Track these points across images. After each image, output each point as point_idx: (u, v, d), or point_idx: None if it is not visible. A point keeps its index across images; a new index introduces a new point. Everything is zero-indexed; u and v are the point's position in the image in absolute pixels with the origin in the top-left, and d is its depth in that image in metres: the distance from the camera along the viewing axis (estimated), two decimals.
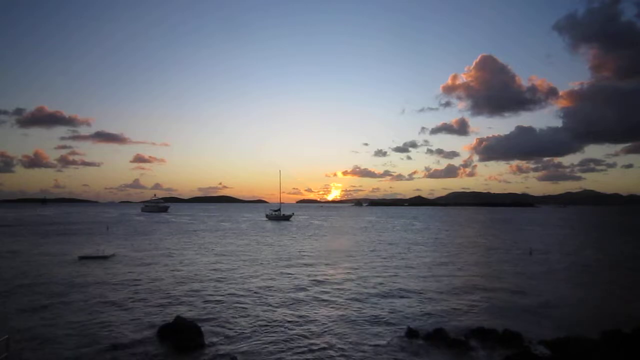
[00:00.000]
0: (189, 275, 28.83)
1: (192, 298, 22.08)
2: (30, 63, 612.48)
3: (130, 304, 20.77)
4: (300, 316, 18.84)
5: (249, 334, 16.26)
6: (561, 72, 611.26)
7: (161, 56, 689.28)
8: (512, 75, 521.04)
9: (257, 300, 21.63)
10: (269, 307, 20.28)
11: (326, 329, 16.96)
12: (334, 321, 18.05)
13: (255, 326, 17.28)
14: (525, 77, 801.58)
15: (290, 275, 29.01)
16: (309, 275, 29.08)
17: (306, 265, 34.05)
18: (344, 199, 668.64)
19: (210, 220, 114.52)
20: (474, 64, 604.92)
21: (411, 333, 16.24)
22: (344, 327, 17.19)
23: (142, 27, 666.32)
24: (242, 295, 22.74)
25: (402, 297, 22.75)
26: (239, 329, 16.86)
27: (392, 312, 19.54)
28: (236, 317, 18.52)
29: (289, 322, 17.92)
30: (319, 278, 28.17)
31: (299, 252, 42.89)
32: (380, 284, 26.29)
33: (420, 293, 23.71)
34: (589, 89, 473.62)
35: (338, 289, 24.82)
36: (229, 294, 23.02)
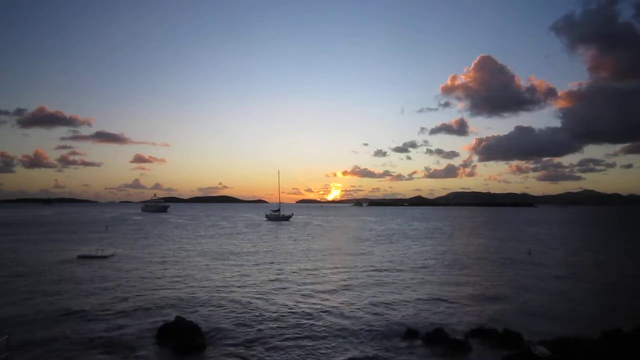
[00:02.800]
0: (188, 275, 28.81)
1: (191, 298, 22.05)
2: (30, 63, 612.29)
3: (130, 303, 20.74)
4: (299, 317, 18.82)
5: (248, 334, 16.24)
6: (560, 73, 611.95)
7: (161, 56, 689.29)
8: (511, 76, 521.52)
9: (257, 300, 21.60)
10: (268, 307, 20.25)
11: (325, 330, 16.94)
12: (333, 322, 18.03)
13: (255, 326, 17.25)
14: (524, 77, 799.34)
15: (288, 276, 28.99)
16: (307, 276, 29.06)
17: (304, 266, 34.02)
18: (344, 199, 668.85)
19: (209, 220, 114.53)
20: (473, 64, 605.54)
21: (411, 333, 16.23)
22: (344, 328, 17.16)
23: (142, 27, 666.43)
24: (241, 295, 22.71)
25: (401, 297, 22.72)
26: (239, 329, 16.84)
27: (391, 312, 19.53)
28: (236, 317, 18.49)
29: (288, 322, 17.89)
30: (317, 279, 28.16)
31: (298, 253, 42.89)
32: (379, 284, 26.27)
33: (419, 293, 23.68)
34: (588, 90, 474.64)
35: (337, 289, 24.81)
36: (228, 294, 22.99)
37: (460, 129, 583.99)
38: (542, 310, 20.18)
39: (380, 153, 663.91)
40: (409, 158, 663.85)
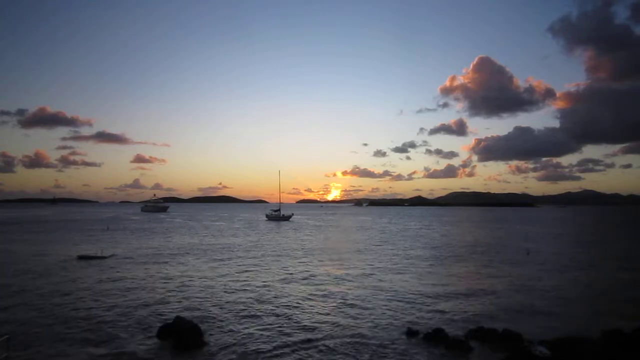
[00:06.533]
0: (188, 275, 28.81)
1: (191, 298, 22.06)
2: (32, 64, 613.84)
3: (130, 304, 20.74)
4: (299, 317, 18.82)
5: (248, 334, 16.25)
6: (558, 74, 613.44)
7: (161, 56, 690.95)
8: (509, 77, 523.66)
9: (256, 300, 21.61)
10: (268, 307, 20.26)
11: (325, 330, 16.94)
12: (333, 322, 18.03)
13: (254, 325, 17.26)
14: (523, 78, 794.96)
15: (287, 276, 28.99)
16: (306, 276, 29.06)
17: (303, 266, 34.02)
18: (344, 199, 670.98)
19: (209, 220, 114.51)
20: (471, 65, 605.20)
21: (411, 333, 16.25)
22: (344, 328, 17.17)
23: (142, 27, 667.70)
24: (241, 295, 22.72)
25: (401, 297, 22.73)
26: (239, 329, 16.84)
27: (391, 313, 19.53)
28: (236, 317, 18.50)
29: (288, 322, 17.90)
30: (316, 279, 28.16)
31: (297, 253, 42.87)
32: (379, 284, 26.27)
33: (420, 293, 23.68)
34: (586, 90, 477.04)
35: (336, 289, 24.80)
36: (228, 294, 23.00)
37: (459, 129, 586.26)
38: (542, 310, 20.17)
39: (379, 153, 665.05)
40: (408, 158, 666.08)
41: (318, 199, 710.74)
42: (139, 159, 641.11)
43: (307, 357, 14.12)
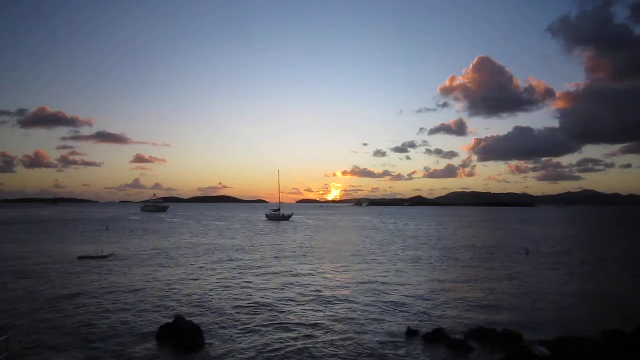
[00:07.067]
0: (188, 275, 28.81)
1: (191, 298, 22.05)
2: (32, 64, 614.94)
3: (130, 304, 20.73)
4: (299, 317, 18.82)
5: (248, 334, 16.25)
6: (557, 74, 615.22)
7: (161, 57, 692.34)
8: (509, 77, 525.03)
9: (256, 300, 21.61)
10: (268, 308, 20.25)
11: (326, 330, 16.94)
12: (333, 322, 18.03)
13: (254, 326, 17.26)
14: (522, 78, 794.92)
15: (287, 276, 28.98)
16: (306, 276, 29.05)
17: (303, 265, 34.00)
18: (344, 199, 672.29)
19: (209, 220, 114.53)
20: (471, 65, 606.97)
21: (411, 333, 16.24)
22: (344, 329, 17.17)
23: (143, 27, 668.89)
24: (241, 295, 22.72)
25: (400, 297, 22.72)
26: (239, 329, 16.84)
27: (391, 313, 19.54)
28: (236, 317, 18.50)
29: (288, 321, 17.90)
30: (316, 278, 28.15)
31: (297, 253, 42.86)
32: (379, 284, 26.26)
33: (419, 293, 23.67)
34: (585, 90, 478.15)
35: (336, 289, 24.79)
36: (228, 294, 23.00)
37: (459, 129, 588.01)
38: (542, 311, 20.17)
39: (379, 153, 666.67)
40: (408, 158, 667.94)
41: (318, 199, 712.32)
42: (139, 159, 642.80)
43: (307, 357, 14.12)
